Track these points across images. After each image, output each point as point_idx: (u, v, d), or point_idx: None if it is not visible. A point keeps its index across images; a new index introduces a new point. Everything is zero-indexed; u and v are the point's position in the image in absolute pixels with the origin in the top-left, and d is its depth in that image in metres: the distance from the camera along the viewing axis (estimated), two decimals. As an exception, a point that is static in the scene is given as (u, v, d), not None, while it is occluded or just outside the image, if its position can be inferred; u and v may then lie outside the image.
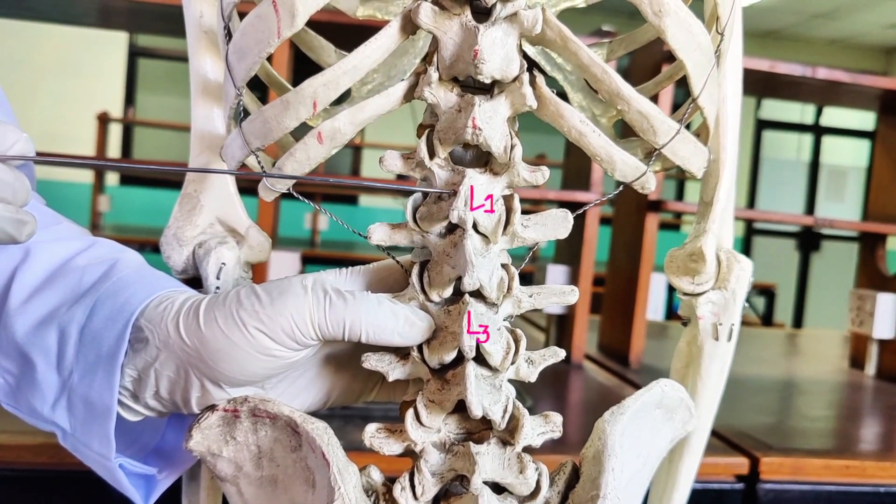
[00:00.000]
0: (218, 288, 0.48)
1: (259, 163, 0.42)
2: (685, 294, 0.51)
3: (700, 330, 0.51)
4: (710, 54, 0.40)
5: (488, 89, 0.40)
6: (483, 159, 0.42)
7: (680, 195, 5.75)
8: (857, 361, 1.64)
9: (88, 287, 0.42)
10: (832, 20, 5.81)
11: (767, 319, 4.49)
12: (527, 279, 0.42)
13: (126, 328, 0.40)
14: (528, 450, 0.41)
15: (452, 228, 0.41)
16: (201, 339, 0.39)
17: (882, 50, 6.51)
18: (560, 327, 1.49)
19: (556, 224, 0.41)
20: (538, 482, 0.40)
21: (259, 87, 0.50)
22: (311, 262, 3.44)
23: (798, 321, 6.10)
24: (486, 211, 0.40)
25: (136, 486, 0.44)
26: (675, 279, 0.51)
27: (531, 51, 0.56)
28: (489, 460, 0.39)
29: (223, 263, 0.48)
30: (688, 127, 0.42)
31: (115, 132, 5.02)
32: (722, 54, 0.42)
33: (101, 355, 0.40)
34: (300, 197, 0.43)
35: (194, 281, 0.51)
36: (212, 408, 0.41)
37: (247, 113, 0.42)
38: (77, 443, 0.42)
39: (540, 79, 0.39)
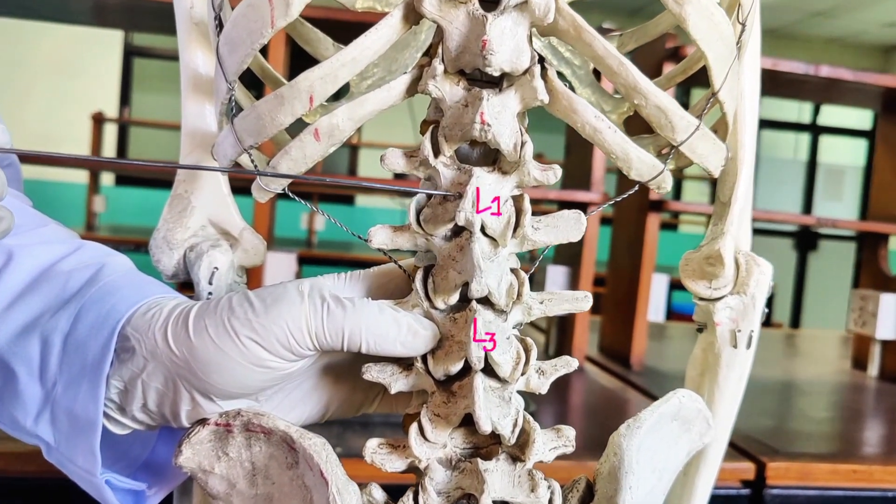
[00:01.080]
0: (210, 293, 0.46)
1: (252, 161, 0.39)
2: (701, 299, 0.49)
3: (717, 337, 0.49)
4: (731, 45, 0.38)
5: (497, 83, 0.38)
6: (491, 157, 0.39)
7: (678, 195, 5.73)
8: (859, 362, 1.63)
9: (73, 293, 0.40)
10: (831, 18, 5.80)
11: (766, 319, 4.48)
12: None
13: (111, 337, 0.38)
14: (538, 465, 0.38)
15: (459, 231, 0.38)
16: (190, 349, 0.37)
17: (880, 49, 6.51)
18: (561, 329, 1.47)
19: (569, 226, 0.39)
20: (550, 501, 0.37)
21: (256, 86, 0.48)
22: (308, 262, 3.41)
23: (796, 321, 6.09)
24: (493, 213, 0.37)
25: (123, 503, 0.42)
26: (690, 283, 0.48)
27: (536, 45, 0.54)
28: (498, 478, 0.37)
29: (215, 268, 0.46)
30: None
31: (111, 132, 4.99)
32: (743, 46, 0.40)
33: (86, 366, 0.38)
34: (296, 197, 0.41)
35: (186, 286, 0.48)
36: (203, 422, 0.39)
37: (239, 108, 0.39)
38: (62, 457, 0.40)
39: (551, 71, 0.37)
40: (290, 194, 0.40)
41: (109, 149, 4.93)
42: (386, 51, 0.48)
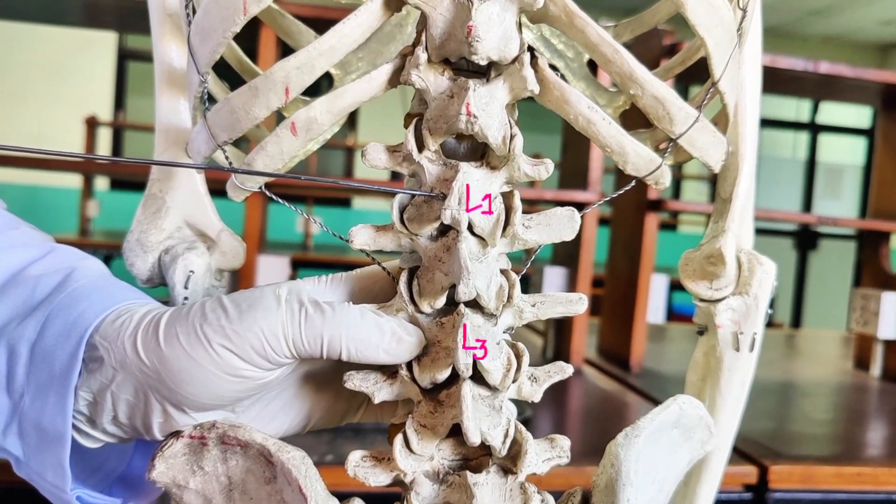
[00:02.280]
0: (186, 298, 0.44)
1: (227, 158, 0.37)
2: (702, 300, 0.46)
3: (719, 339, 0.46)
4: (732, 32, 0.36)
5: (484, 72, 0.35)
6: (479, 152, 0.37)
7: (676, 194, 5.69)
8: (861, 362, 1.61)
9: (41, 299, 0.38)
10: (827, 17, 5.79)
11: (767, 320, 4.45)
12: (523, 282, 0.37)
13: (79, 346, 0.36)
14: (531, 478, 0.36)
15: (445, 230, 0.36)
16: (161, 358, 0.35)
17: (877, 47, 6.50)
18: (559, 331, 1.44)
19: (562, 224, 0.37)
20: (544, 516, 0.35)
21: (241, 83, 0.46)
22: (303, 266, 3.39)
23: (796, 321, 6.06)
24: (484, 212, 0.35)
25: (96, 520, 0.40)
26: (690, 284, 0.46)
27: (528, 37, 0.51)
28: (488, 491, 0.35)
29: (191, 271, 0.43)
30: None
31: (105, 136, 4.96)
32: (744, 33, 0.37)
33: (53, 376, 0.36)
34: (273, 196, 0.38)
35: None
36: (176, 434, 0.37)
37: (213, 102, 0.37)
38: (31, 472, 0.38)
39: (542, 60, 0.35)
40: (268, 193, 0.38)
41: (103, 153, 4.90)
42: (370, 44, 0.46)
